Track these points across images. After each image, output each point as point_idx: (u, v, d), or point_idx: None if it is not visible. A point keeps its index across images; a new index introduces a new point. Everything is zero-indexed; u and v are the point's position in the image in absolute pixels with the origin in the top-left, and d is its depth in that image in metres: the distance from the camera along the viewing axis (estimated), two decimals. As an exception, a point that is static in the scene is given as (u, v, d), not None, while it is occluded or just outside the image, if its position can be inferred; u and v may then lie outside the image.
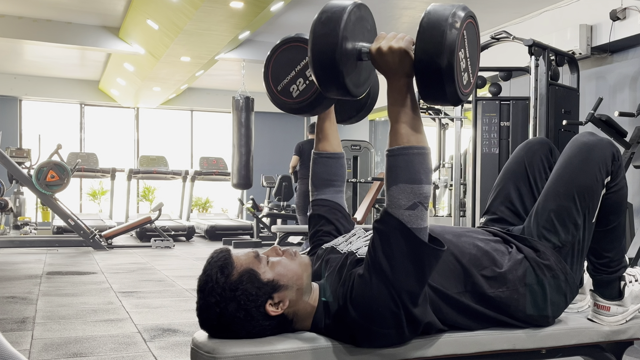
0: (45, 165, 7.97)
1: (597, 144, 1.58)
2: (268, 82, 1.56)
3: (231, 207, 12.91)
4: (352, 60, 1.30)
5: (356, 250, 1.48)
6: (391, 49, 1.27)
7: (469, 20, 1.29)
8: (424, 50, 1.23)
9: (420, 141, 1.30)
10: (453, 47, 1.22)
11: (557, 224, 1.56)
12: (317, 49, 1.28)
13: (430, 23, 1.24)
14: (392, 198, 1.29)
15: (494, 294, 1.48)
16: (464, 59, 1.28)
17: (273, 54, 1.55)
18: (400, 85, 1.30)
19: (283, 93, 1.54)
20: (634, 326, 1.65)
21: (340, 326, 1.38)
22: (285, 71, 1.53)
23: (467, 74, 1.31)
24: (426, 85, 1.26)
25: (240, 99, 8.84)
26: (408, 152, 1.29)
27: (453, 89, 1.25)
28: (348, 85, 1.30)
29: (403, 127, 1.30)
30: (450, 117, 6.99)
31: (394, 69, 1.29)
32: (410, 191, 1.28)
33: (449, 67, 1.22)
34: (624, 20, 5.61)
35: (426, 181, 1.30)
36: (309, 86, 1.51)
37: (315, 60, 1.28)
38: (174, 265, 6.41)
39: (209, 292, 1.34)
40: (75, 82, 11.95)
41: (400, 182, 1.28)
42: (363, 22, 1.35)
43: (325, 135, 1.73)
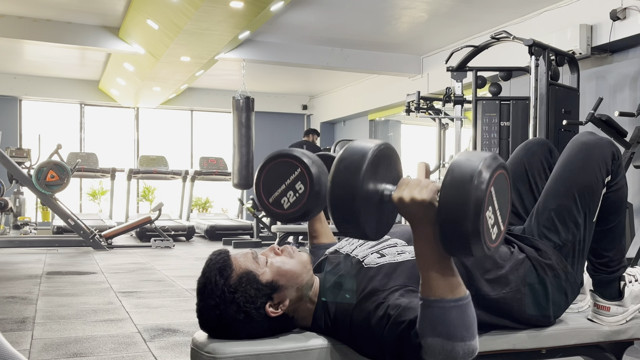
0: (45, 165, 7.96)
1: (597, 144, 1.58)
2: (260, 195, 1.61)
3: (231, 207, 12.90)
4: (374, 205, 1.21)
5: (363, 258, 1.47)
6: (414, 200, 1.17)
7: (500, 172, 1.18)
8: (447, 213, 1.13)
9: (455, 292, 1.19)
10: (479, 213, 1.11)
11: (558, 223, 1.56)
12: (335, 199, 1.19)
13: (454, 182, 1.13)
14: (428, 348, 1.20)
15: (498, 296, 1.47)
16: (492, 215, 1.18)
17: (263, 168, 1.60)
18: (426, 234, 1.19)
19: (275, 205, 1.59)
20: (634, 326, 1.65)
21: (338, 332, 1.39)
22: (276, 185, 1.59)
23: (497, 226, 1.20)
24: (450, 244, 1.16)
25: (240, 99, 8.84)
26: (444, 306, 1.18)
27: (480, 249, 1.15)
28: (369, 233, 1.22)
29: (434, 279, 1.19)
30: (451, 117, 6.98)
31: (418, 219, 1.19)
32: (451, 349, 1.17)
33: (474, 232, 1.12)
34: (624, 20, 5.61)
35: (469, 337, 1.18)
36: (299, 198, 1.56)
37: (335, 210, 1.20)
38: (174, 265, 6.41)
39: (208, 295, 1.34)
40: (75, 82, 11.94)
41: (437, 337, 1.18)
42: (386, 161, 1.25)
43: (319, 234, 1.78)
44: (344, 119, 12.42)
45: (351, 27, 7.83)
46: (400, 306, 1.28)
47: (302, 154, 1.55)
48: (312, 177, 1.52)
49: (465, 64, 5.34)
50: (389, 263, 1.42)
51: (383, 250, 1.49)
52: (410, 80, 9.42)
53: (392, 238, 1.54)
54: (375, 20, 7.45)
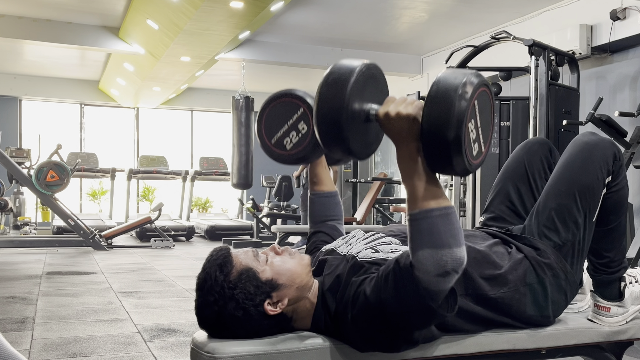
0: (45, 165, 7.96)
1: (599, 144, 1.59)
2: (262, 136, 1.59)
3: (231, 207, 12.91)
4: (359, 122, 1.24)
5: (357, 253, 1.48)
6: (399, 115, 1.21)
7: (482, 89, 1.23)
8: (430, 122, 1.18)
9: (440, 202, 1.23)
10: (461, 120, 1.16)
11: (558, 222, 1.56)
12: (322, 112, 1.22)
13: (439, 93, 1.18)
14: (419, 264, 1.23)
15: (496, 296, 1.47)
16: (474, 129, 1.23)
17: (265, 108, 1.59)
18: (410, 150, 1.23)
19: (277, 146, 1.57)
20: (634, 326, 1.65)
21: (339, 329, 1.38)
22: (278, 125, 1.56)
23: (478, 144, 1.26)
24: (433, 156, 1.21)
25: (240, 99, 8.84)
26: (429, 216, 1.22)
27: (461, 161, 1.19)
28: (354, 149, 1.25)
29: (419, 192, 1.23)
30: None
31: (403, 135, 1.23)
32: (440, 257, 1.21)
33: (456, 140, 1.17)
34: (624, 20, 5.61)
35: (455, 244, 1.22)
36: (302, 139, 1.54)
37: (320, 124, 1.23)
38: (174, 265, 6.41)
39: (207, 291, 1.34)
40: (75, 82, 11.95)
41: (427, 248, 1.21)
42: (373, 81, 1.28)
43: (320, 179, 1.77)
44: (344, 119, 12.42)
45: (351, 27, 7.83)
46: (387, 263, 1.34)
47: (304, 93, 1.54)
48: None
49: (465, 64, 5.33)
50: (382, 259, 1.43)
51: (377, 246, 1.50)
52: (410, 80, 9.42)
53: (387, 236, 1.55)
54: (375, 20, 7.45)
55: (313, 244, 1.74)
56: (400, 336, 1.33)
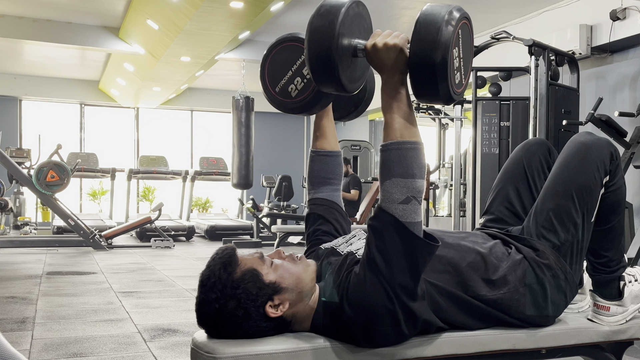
0: (45, 165, 7.97)
1: (595, 144, 1.59)
2: (265, 84, 1.56)
3: (231, 207, 12.91)
4: (348, 55, 1.32)
5: (356, 250, 1.48)
6: (386, 46, 1.29)
7: (464, 21, 1.32)
8: (418, 46, 1.25)
9: (413, 136, 1.31)
10: (448, 43, 1.24)
11: (556, 223, 1.56)
12: (313, 41, 1.29)
13: (427, 20, 1.26)
14: (385, 193, 1.30)
15: (495, 297, 1.48)
16: (458, 58, 1.30)
17: (268, 55, 1.55)
18: (395, 82, 1.31)
19: (281, 94, 1.54)
20: (633, 326, 1.65)
21: (338, 325, 1.38)
22: (282, 71, 1.53)
23: (460, 74, 1.32)
24: (419, 81, 1.28)
25: (240, 99, 8.84)
26: (401, 147, 1.30)
27: (446, 86, 1.26)
28: (342, 79, 1.32)
29: (397, 122, 1.31)
30: (450, 117, 6.99)
31: (388, 66, 1.31)
32: (403, 185, 1.29)
33: (442, 63, 1.23)
34: (624, 20, 5.61)
35: (419, 175, 1.31)
36: (307, 84, 1.50)
37: (312, 52, 1.29)
38: (174, 265, 6.41)
39: (210, 288, 1.34)
40: (75, 82, 11.95)
41: (394, 177, 1.29)
42: (360, 19, 1.36)
43: (324, 133, 1.73)
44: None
45: (351, 27, 7.83)
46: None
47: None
48: None
49: (465, 64, 5.33)
50: None
51: None
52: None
53: None
54: (375, 20, 7.40)
55: (313, 234, 1.70)
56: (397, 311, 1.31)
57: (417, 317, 1.35)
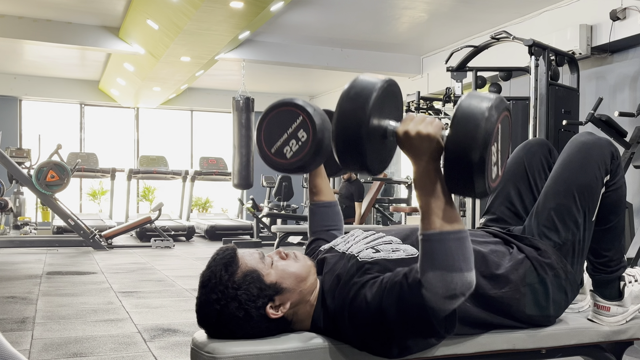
0: (45, 165, 7.97)
1: (596, 143, 1.59)
2: (261, 144, 1.59)
3: (231, 207, 12.91)
4: (377, 138, 1.23)
5: (357, 253, 1.48)
6: (419, 134, 1.20)
7: (505, 114, 1.23)
8: (456, 143, 1.17)
9: (455, 225, 1.23)
10: (487, 142, 1.15)
11: (558, 222, 1.56)
12: (342, 126, 1.21)
13: (465, 114, 1.17)
14: (428, 284, 1.23)
15: (497, 295, 1.47)
16: (496, 152, 1.23)
17: (265, 117, 1.58)
18: (429, 170, 1.22)
19: (277, 154, 1.57)
20: (634, 326, 1.65)
21: (337, 327, 1.39)
22: (278, 134, 1.56)
23: (497, 167, 1.25)
24: (454, 177, 1.20)
25: (240, 100, 8.84)
26: (443, 238, 1.22)
27: (482, 184, 1.18)
28: (369, 165, 1.24)
29: (435, 212, 1.23)
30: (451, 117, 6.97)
31: (422, 155, 1.22)
32: (450, 280, 1.21)
33: (480, 162, 1.15)
34: (624, 20, 5.61)
35: (467, 268, 1.22)
36: (302, 147, 1.54)
37: (339, 138, 1.22)
38: (174, 265, 6.41)
39: (211, 289, 1.34)
40: (75, 82, 11.95)
41: (438, 270, 1.21)
42: (392, 97, 1.28)
43: (319, 190, 1.78)
44: (344, 119, 12.42)
45: (351, 27, 7.83)
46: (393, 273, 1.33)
47: (304, 102, 1.54)
48: (315, 125, 1.49)
49: (465, 64, 5.34)
50: (384, 259, 1.42)
51: (378, 246, 1.49)
52: (410, 80, 9.42)
53: (388, 235, 1.54)
54: (375, 20, 7.45)
55: (312, 249, 1.73)
56: (394, 343, 1.33)
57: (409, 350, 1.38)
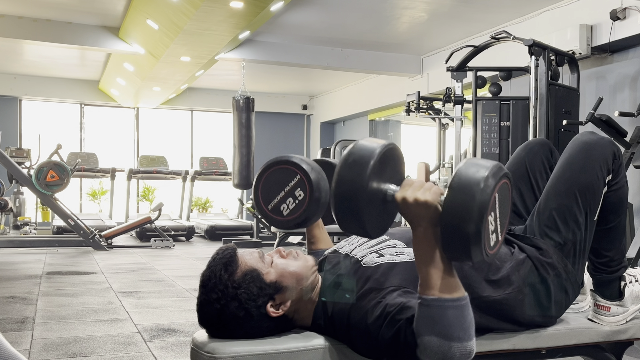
0: (45, 165, 7.96)
1: (598, 143, 1.59)
2: (259, 202, 1.60)
3: (231, 207, 12.90)
4: (377, 203, 1.24)
5: (361, 257, 1.47)
6: (417, 201, 1.20)
7: (503, 182, 1.23)
8: (452, 214, 1.17)
9: (454, 292, 1.21)
10: (483, 213, 1.15)
11: (559, 221, 1.56)
12: (341, 194, 1.21)
13: (461, 184, 1.17)
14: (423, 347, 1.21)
15: (500, 297, 1.47)
16: (494, 221, 1.22)
17: (262, 174, 1.60)
18: (427, 236, 1.22)
19: (274, 211, 1.58)
20: (634, 326, 1.65)
21: (336, 329, 1.39)
22: (275, 191, 1.58)
23: (496, 234, 1.25)
24: (450, 246, 1.20)
25: (240, 99, 8.84)
26: (442, 305, 1.20)
27: (478, 253, 1.18)
28: (369, 230, 1.24)
29: (433, 279, 1.21)
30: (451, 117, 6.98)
31: (420, 221, 1.22)
32: (448, 349, 1.19)
33: (476, 234, 1.15)
34: (624, 20, 5.61)
35: (465, 337, 1.19)
36: (299, 205, 1.55)
37: (338, 204, 1.22)
38: (174, 265, 6.41)
39: (211, 288, 1.35)
40: (75, 82, 11.94)
41: (434, 335, 1.19)
42: (392, 162, 1.27)
43: (317, 239, 1.79)
44: (344, 119, 12.42)
45: (351, 27, 7.83)
46: (398, 304, 1.29)
47: (300, 160, 1.55)
48: (312, 184, 1.51)
49: (465, 64, 5.34)
50: (387, 263, 1.42)
51: (382, 250, 1.49)
52: (410, 80, 9.42)
53: (392, 239, 1.54)
54: (375, 20, 7.45)
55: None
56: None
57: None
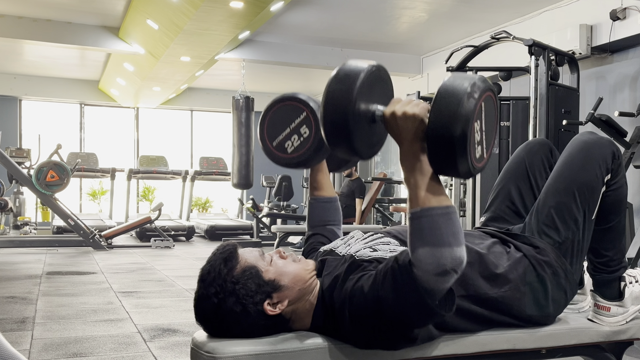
0: (45, 165, 7.96)
1: (597, 142, 1.59)
2: (264, 138, 1.60)
3: (231, 207, 12.91)
4: (365, 121, 1.25)
5: (355, 252, 1.48)
6: (405, 115, 1.22)
7: (488, 94, 1.24)
8: (437, 118, 1.18)
9: (441, 202, 1.24)
10: (469, 117, 1.17)
11: (557, 220, 1.56)
12: (329, 107, 1.22)
13: (448, 91, 1.19)
14: (418, 262, 1.22)
15: (497, 295, 1.47)
16: (479, 131, 1.23)
17: (269, 110, 1.59)
18: (414, 150, 1.24)
19: (278, 148, 1.58)
20: (634, 326, 1.65)
21: (337, 327, 1.38)
22: (280, 128, 1.57)
23: (481, 147, 1.26)
24: (437, 155, 1.21)
25: (240, 99, 8.84)
26: (431, 214, 1.22)
27: (465, 161, 1.19)
28: (358, 147, 1.25)
29: (421, 191, 1.24)
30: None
31: (407, 135, 1.24)
32: (440, 255, 1.20)
33: (462, 137, 1.16)
34: (624, 20, 5.61)
35: (456, 243, 1.22)
36: (303, 143, 1.55)
37: (327, 118, 1.23)
38: (174, 265, 6.41)
39: (210, 282, 1.35)
40: (75, 82, 11.95)
41: (428, 246, 1.21)
42: (381, 83, 1.29)
43: (320, 185, 1.78)
44: (344, 119, 12.42)
45: (351, 27, 7.83)
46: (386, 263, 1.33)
47: (308, 97, 1.54)
48: (318, 121, 1.48)
49: (465, 64, 5.34)
50: (381, 257, 1.43)
51: (376, 245, 1.50)
52: (410, 80, 9.42)
53: (387, 237, 1.55)
54: (375, 20, 7.45)
55: (310, 245, 1.74)
56: (397, 333, 1.33)
57: (413, 341, 1.37)
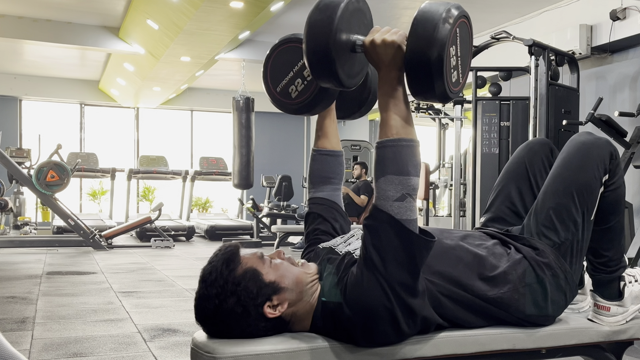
0: (45, 165, 7.96)
1: (595, 143, 1.59)
2: (267, 84, 1.57)
3: (231, 207, 12.91)
4: (346, 50, 1.31)
5: (353, 250, 1.48)
6: (384, 42, 1.30)
7: (463, 20, 1.31)
8: (414, 43, 1.25)
9: (409, 134, 1.32)
10: (444, 41, 1.23)
11: (556, 221, 1.56)
12: (311, 35, 1.29)
13: (424, 17, 1.26)
14: (380, 190, 1.31)
15: (495, 296, 1.47)
16: (455, 56, 1.29)
17: (270, 55, 1.56)
18: (392, 78, 1.32)
19: (282, 94, 1.55)
20: (634, 326, 1.65)
21: (338, 325, 1.38)
22: (284, 72, 1.54)
23: (457, 72, 1.32)
24: (415, 78, 1.27)
25: (240, 100, 8.84)
26: (397, 144, 1.31)
27: (441, 84, 1.25)
28: (340, 74, 1.31)
29: (393, 119, 1.32)
30: (450, 117, 6.98)
31: (386, 62, 1.31)
32: (398, 182, 1.29)
33: (438, 60, 1.23)
34: (624, 20, 5.61)
35: (414, 173, 1.31)
36: (307, 86, 1.51)
37: (309, 46, 1.29)
38: (174, 265, 6.41)
39: (211, 283, 1.35)
40: (75, 82, 11.95)
41: (389, 174, 1.30)
42: (360, 14, 1.36)
43: (325, 132, 1.72)
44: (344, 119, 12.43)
45: (351, 27, 7.83)
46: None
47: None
48: None
49: (465, 64, 5.33)
50: None
51: None
52: (410, 80, 9.40)
53: None
54: (375, 20, 7.37)
55: (312, 233, 1.70)
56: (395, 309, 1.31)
57: (416, 314, 1.35)
